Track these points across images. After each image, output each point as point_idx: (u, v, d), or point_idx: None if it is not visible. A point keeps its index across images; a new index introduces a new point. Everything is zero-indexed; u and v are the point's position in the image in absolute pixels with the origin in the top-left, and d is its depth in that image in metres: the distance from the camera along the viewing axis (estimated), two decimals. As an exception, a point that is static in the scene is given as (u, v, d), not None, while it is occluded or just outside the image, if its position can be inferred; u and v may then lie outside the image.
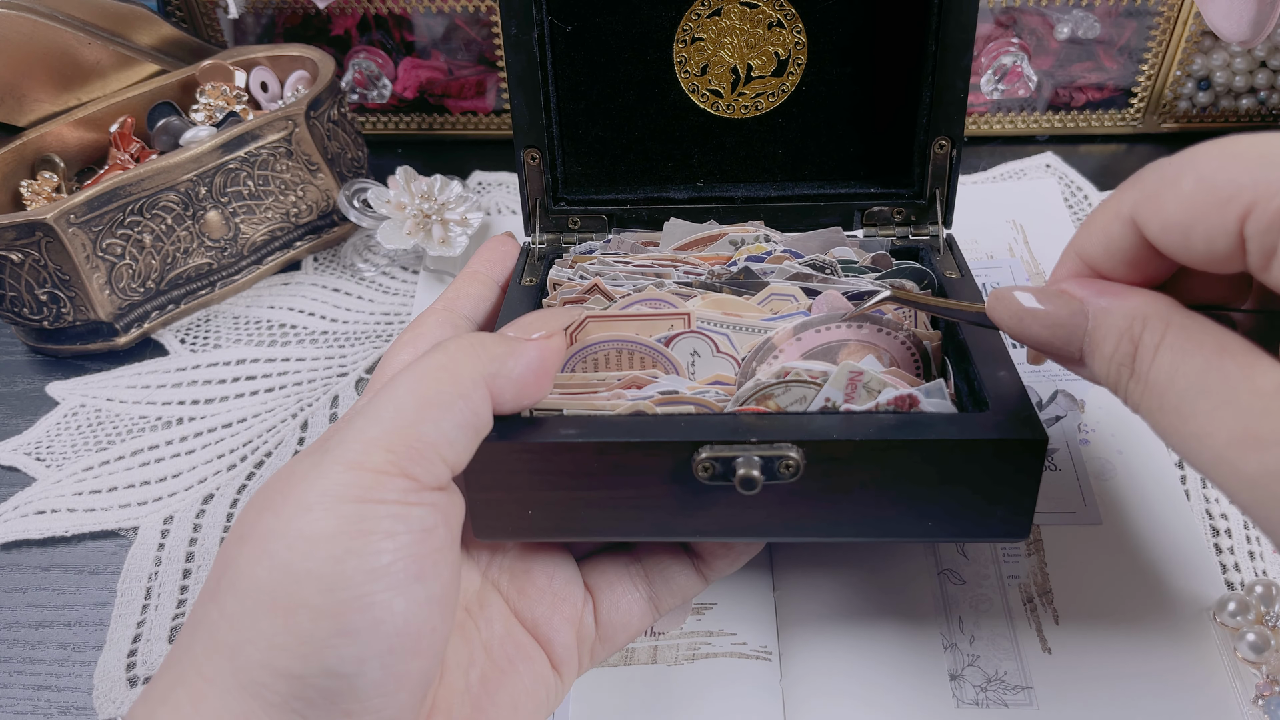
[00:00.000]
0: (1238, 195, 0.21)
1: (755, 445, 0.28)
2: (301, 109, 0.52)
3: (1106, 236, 0.25)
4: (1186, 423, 0.22)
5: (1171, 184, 0.23)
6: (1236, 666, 0.35)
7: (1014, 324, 0.27)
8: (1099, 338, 0.25)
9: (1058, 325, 0.26)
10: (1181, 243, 0.22)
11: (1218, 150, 0.22)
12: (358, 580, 0.24)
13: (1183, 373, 0.22)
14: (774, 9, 0.39)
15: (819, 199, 0.42)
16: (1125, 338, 0.24)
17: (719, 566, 0.36)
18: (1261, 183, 0.20)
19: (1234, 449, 0.20)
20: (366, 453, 0.25)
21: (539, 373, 0.29)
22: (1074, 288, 0.26)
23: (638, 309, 0.34)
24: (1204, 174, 0.22)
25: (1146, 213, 0.23)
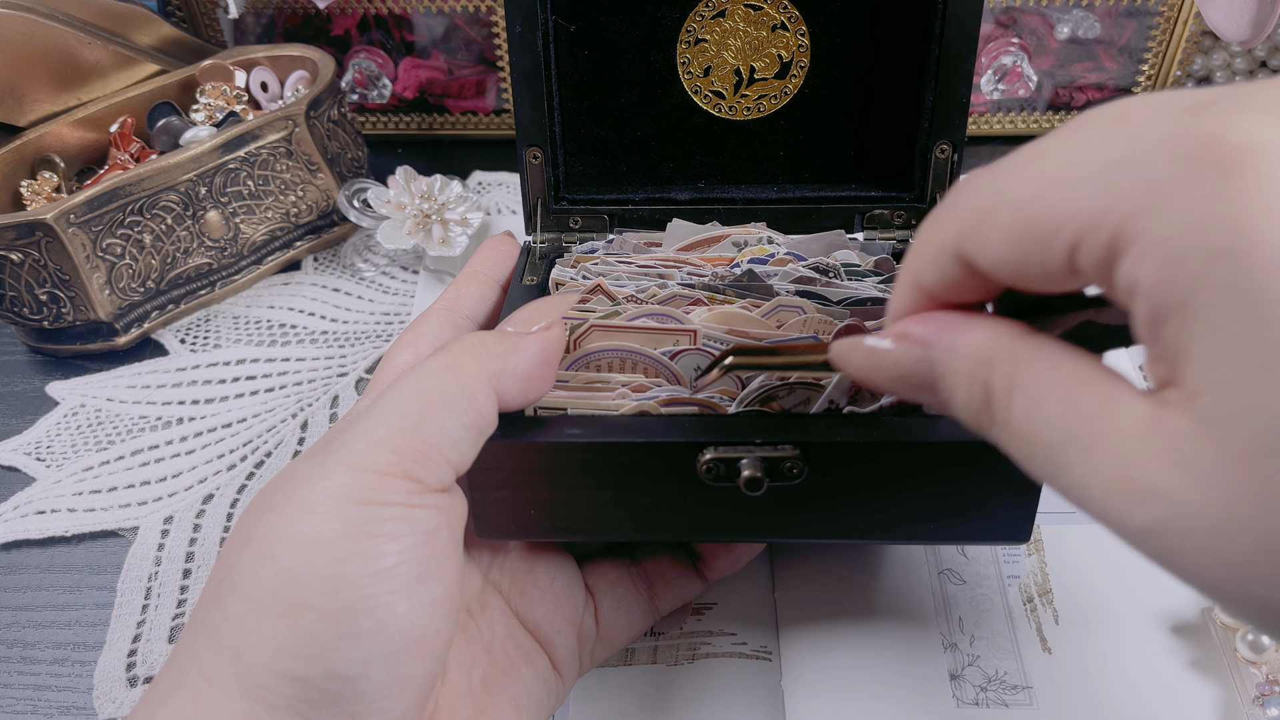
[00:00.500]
0: (1060, 229, 0.19)
1: (759, 446, 0.28)
2: (301, 109, 0.52)
3: (938, 268, 0.22)
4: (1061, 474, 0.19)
5: (989, 217, 0.20)
6: (1236, 666, 0.35)
7: (860, 374, 0.25)
8: (949, 384, 0.22)
9: (904, 375, 0.23)
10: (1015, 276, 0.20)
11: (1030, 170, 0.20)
12: (361, 583, 0.24)
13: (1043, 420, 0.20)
14: (778, 11, 0.39)
15: (820, 201, 0.42)
16: (975, 384, 0.21)
17: (719, 568, 0.36)
18: (1078, 214, 0.18)
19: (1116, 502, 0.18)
20: (370, 454, 0.25)
21: (543, 366, 0.29)
22: (914, 327, 0.23)
23: (644, 321, 0.34)
24: (1019, 204, 0.20)
25: (971, 248, 0.21)
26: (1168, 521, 0.17)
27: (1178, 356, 0.17)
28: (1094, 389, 0.19)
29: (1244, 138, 0.16)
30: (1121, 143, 0.18)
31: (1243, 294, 0.16)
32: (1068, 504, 0.19)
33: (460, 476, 0.27)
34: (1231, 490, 0.16)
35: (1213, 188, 0.16)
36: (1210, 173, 0.17)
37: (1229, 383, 0.16)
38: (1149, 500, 0.17)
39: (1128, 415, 0.18)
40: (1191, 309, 0.17)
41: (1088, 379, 0.19)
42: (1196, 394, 0.17)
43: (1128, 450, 0.18)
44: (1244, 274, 0.16)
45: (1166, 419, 0.17)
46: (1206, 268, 0.16)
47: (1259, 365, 0.16)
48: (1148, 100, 0.19)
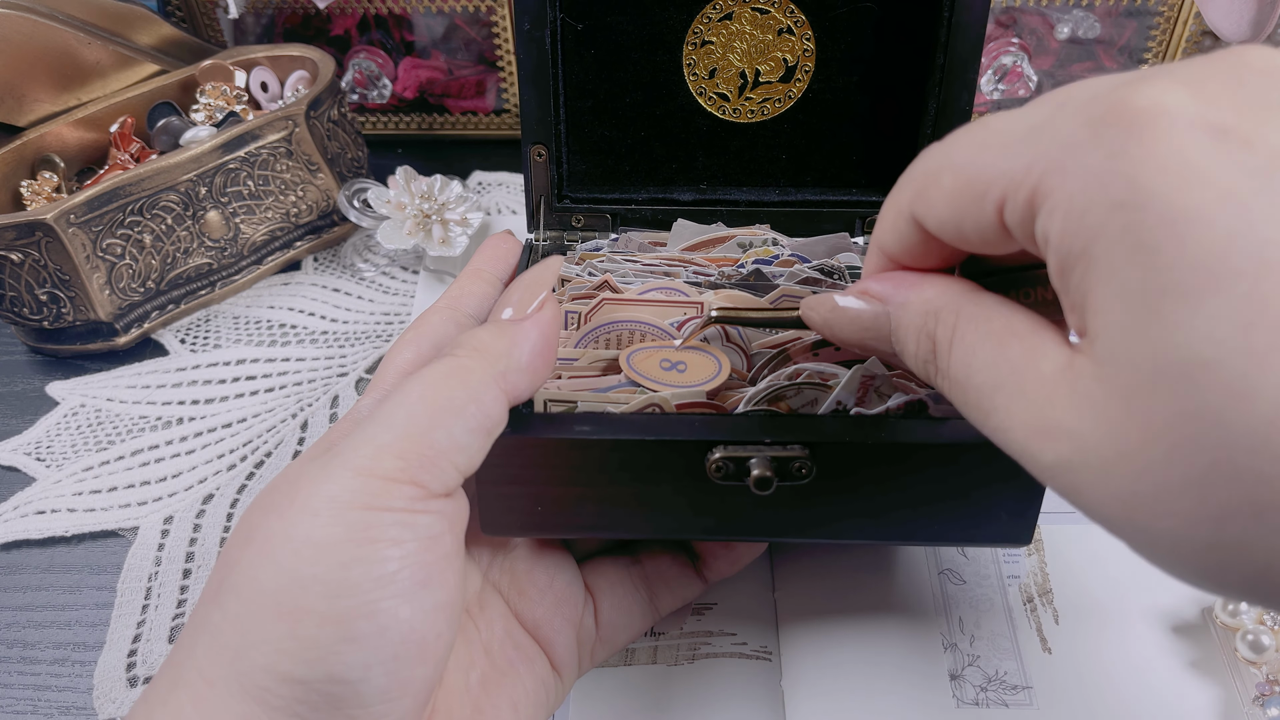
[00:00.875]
0: (989, 189, 0.20)
1: (769, 446, 0.28)
2: (301, 109, 0.52)
3: (897, 232, 0.25)
4: (989, 417, 0.21)
5: (935, 180, 0.22)
6: (1236, 666, 0.35)
7: (825, 328, 0.27)
8: (901, 336, 0.25)
9: (865, 327, 0.26)
10: (957, 235, 0.22)
11: (968, 138, 0.22)
12: (364, 587, 0.24)
13: (976, 366, 0.22)
14: (784, 15, 0.39)
15: (822, 205, 0.42)
16: (923, 335, 0.24)
17: (719, 568, 0.36)
18: (1005, 174, 0.20)
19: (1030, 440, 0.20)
20: (376, 459, 0.25)
21: (544, 350, 0.29)
22: (874, 285, 0.25)
23: (654, 295, 0.34)
24: (958, 168, 0.22)
25: (921, 209, 0.23)
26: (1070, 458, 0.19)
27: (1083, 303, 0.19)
28: (1023, 340, 0.21)
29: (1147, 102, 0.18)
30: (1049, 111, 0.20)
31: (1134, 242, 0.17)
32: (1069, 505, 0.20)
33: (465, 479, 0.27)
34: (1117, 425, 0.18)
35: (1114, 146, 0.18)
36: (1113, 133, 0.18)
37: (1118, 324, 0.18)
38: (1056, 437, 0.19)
39: (1048, 361, 0.20)
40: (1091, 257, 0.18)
41: (1019, 330, 0.21)
42: (1095, 336, 0.18)
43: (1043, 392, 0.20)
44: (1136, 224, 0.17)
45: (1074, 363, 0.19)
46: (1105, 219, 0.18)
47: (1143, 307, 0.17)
48: (1088, 81, 0.21)
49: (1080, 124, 0.19)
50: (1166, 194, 0.17)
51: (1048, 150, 0.19)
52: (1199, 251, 0.17)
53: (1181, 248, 0.17)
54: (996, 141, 0.21)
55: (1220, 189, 0.17)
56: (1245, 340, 0.16)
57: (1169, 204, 0.17)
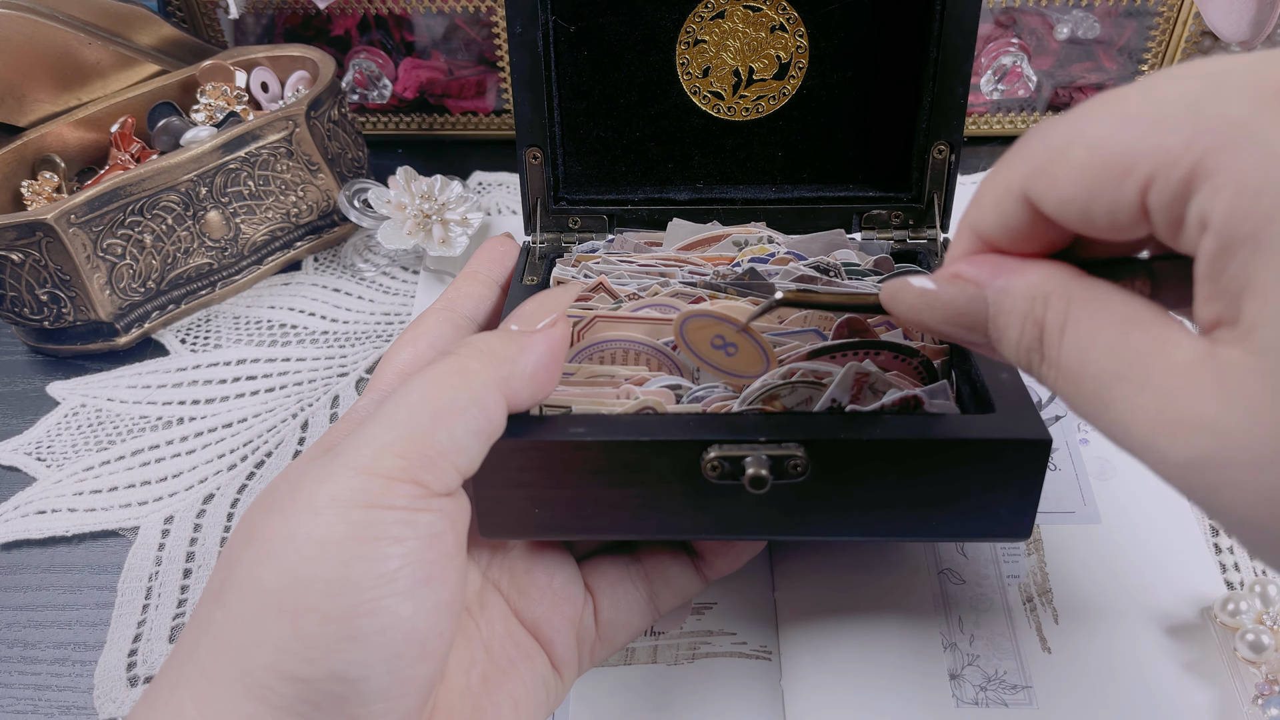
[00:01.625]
0: (1135, 166, 0.19)
1: (764, 445, 0.28)
2: (302, 109, 0.52)
3: (1000, 213, 0.22)
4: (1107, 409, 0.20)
5: (1061, 155, 0.20)
6: (1236, 666, 0.35)
7: (912, 315, 0.25)
8: (1002, 324, 0.23)
9: (957, 314, 0.23)
10: (1082, 218, 0.21)
11: (1107, 112, 0.20)
12: (365, 586, 0.24)
13: (1093, 355, 0.20)
14: (776, 12, 0.39)
15: (818, 201, 0.42)
16: (1029, 321, 0.22)
17: (719, 566, 0.36)
18: (1158, 149, 0.19)
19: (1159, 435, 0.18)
20: (378, 458, 0.25)
21: (550, 365, 0.29)
22: (967, 269, 0.23)
23: (647, 312, 0.34)
24: (1094, 142, 0.20)
25: (1039, 188, 0.21)
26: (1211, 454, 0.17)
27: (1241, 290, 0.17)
28: (1147, 328, 0.19)
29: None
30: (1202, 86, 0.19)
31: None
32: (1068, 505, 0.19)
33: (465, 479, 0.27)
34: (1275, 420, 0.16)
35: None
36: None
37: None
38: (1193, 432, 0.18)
39: (1179, 351, 0.19)
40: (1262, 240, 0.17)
41: (1141, 318, 0.20)
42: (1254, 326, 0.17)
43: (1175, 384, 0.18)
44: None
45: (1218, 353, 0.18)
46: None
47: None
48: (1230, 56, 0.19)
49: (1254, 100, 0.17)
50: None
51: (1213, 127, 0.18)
52: None
53: None
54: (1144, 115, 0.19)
55: None
56: None
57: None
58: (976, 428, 0.29)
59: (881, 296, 0.26)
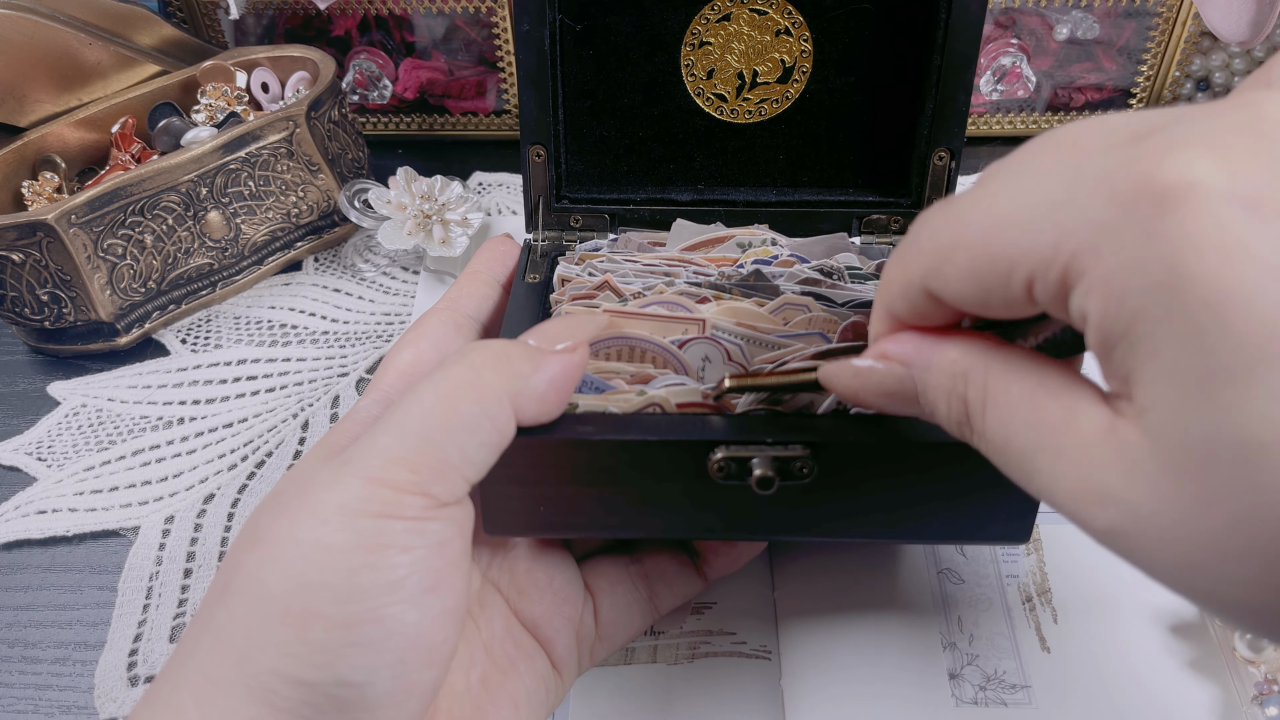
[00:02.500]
0: (1015, 268, 0.20)
1: (770, 446, 0.28)
2: (302, 109, 0.52)
3: (908, 301, 0.23)
4: (1033, 479, 0.21)
5: (948, 258, 0.21)
6: (1235, 665, 0.35)
7: (849, 393, 0.26)
8: (931, 399, 0.24)
9: (890, 392, 0.25)
10: (981, 309, 0.22)
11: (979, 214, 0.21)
12: (373, 593, 0.24)
13: (1013, 430, 0.21)
14: (782, 16, 0.39)
15: (819, 205, 0.42)
16: (953, 397, 0.23)
17: (719, 566, 0.36)
18: (1030, 253, 0.19)
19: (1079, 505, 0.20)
20: (388, 469, 0.25)
21: (561, 388, 0.28)
22: (892, 348, 0.24)
23: (654, 310, 0.34)
24: (975, 248, 0.21)
25: (937, 285, 0.22)
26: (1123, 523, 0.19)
27: (1128, 377, 0.18)
28: (1058, 399, 0.20)
29: (1174, 175, 0.17)
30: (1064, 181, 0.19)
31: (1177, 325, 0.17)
32: None
33: None
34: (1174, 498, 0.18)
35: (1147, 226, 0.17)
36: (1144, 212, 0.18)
37: (1168, 402, 0.17)
38: (1107, 503, 0.19)
39: (1087, 423, 0.20)
40: (1134, 338, 0.18)
41: (1053, 389, 0.21)
42: (1143, 410, 0.18)
43: (1088, 456, 0.19)
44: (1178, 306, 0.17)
45: (1119, 429, 0.19)
46: (1145, 302, 0.17)
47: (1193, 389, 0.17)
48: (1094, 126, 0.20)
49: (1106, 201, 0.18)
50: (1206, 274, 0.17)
51: (1075, 229, 0.19)
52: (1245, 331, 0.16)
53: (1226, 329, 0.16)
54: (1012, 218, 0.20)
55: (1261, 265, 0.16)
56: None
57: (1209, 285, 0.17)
58: None
59: (820, 376, 0.27)
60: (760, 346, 0.34)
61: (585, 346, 0.29)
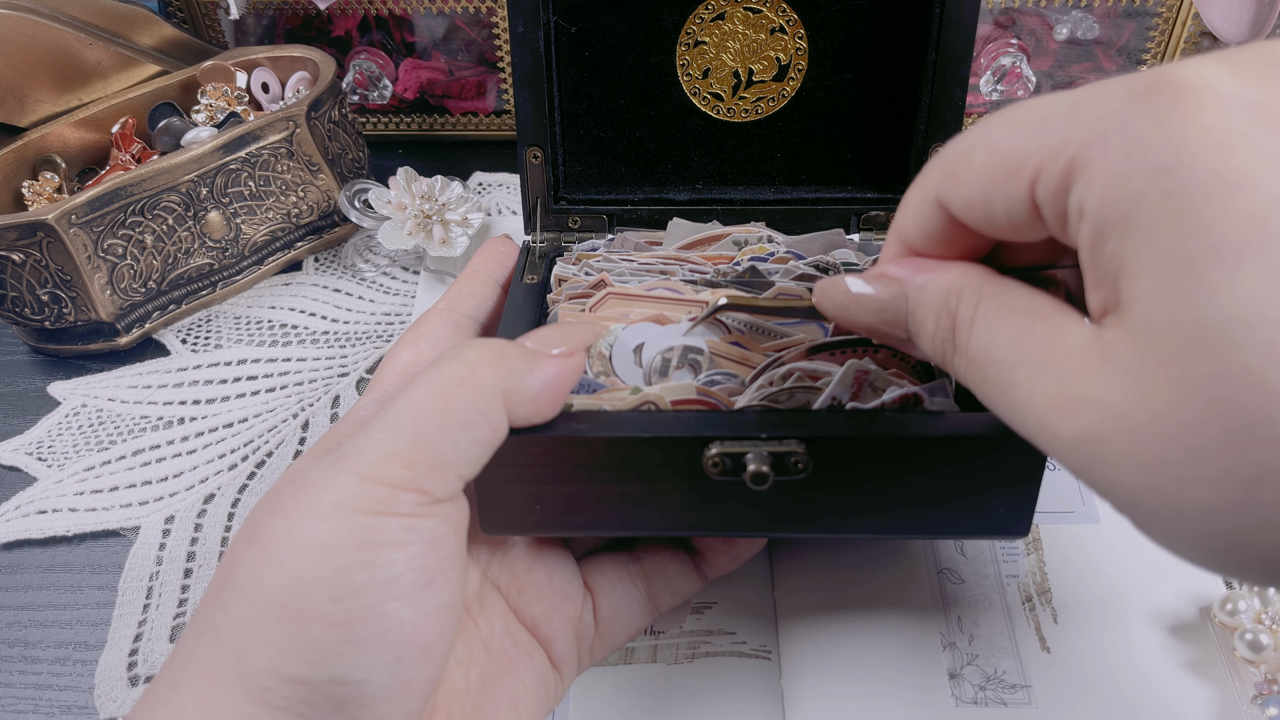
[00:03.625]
0: (1024, 163, 0.20)
1: (765, 441, 0.28)
2: (302, 110, 0.52)
3: (920, 219, 0.24)
4: (1008, 393, 0.21)
5: (965, 159, 0.22)
6: (1235, 665, 0.35)
7: (839, 313, 0.27)
8: (920, 316, 0.24)
9: (880, 309, 0.25)
10: (984, 217, 0.22)
11: (1003, 119, 0.22)
12: (368, 590, 0.24)
13: (998, 342, 0.22)
14: (776, 14, 0.39)
15: (817, 203, 0.42)
16: (943, 313, 0.24)
17: (719, 565, 0.36)
18: (1042, 147, 0.20)
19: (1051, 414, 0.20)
20: (382, 466, 0.25)
21: (554, 392, 0.28)
22: (892, 269, 0.25)
23: (659, 293, 0.34)
24: (992, 145, 0.22)
25: (948, 191, 0.23)
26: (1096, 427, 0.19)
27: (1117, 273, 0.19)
28: (1047, 318, 0.21)
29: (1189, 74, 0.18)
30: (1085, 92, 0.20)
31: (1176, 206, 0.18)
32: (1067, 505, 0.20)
33: None
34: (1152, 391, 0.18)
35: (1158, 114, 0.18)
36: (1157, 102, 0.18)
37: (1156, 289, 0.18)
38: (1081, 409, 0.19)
39: (1073, 337, 0.20)
40: (1131, 223, 0.18)
41: (1043, 310, 0.21)
42: (1129, 305, 0.18)
43: (1069, 364, 0.20)
44: (1178, 188, 0.18)
45: (1103, 335, 0.19)
46: (1147, 184, 0.18)
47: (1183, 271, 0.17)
48: (1111, 77, 0.21)
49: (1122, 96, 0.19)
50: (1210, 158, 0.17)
51: (1089, 121, 0.19)
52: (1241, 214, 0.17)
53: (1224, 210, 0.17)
54: (1034, 118, 0.21)
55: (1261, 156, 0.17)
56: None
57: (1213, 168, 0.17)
58: (976, 425, 0.29)
59: (814, 297, 0.28)
60: (762, 334, 0.34)
61: (581, 353, 0.29)
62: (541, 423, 0.29)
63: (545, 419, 0.29)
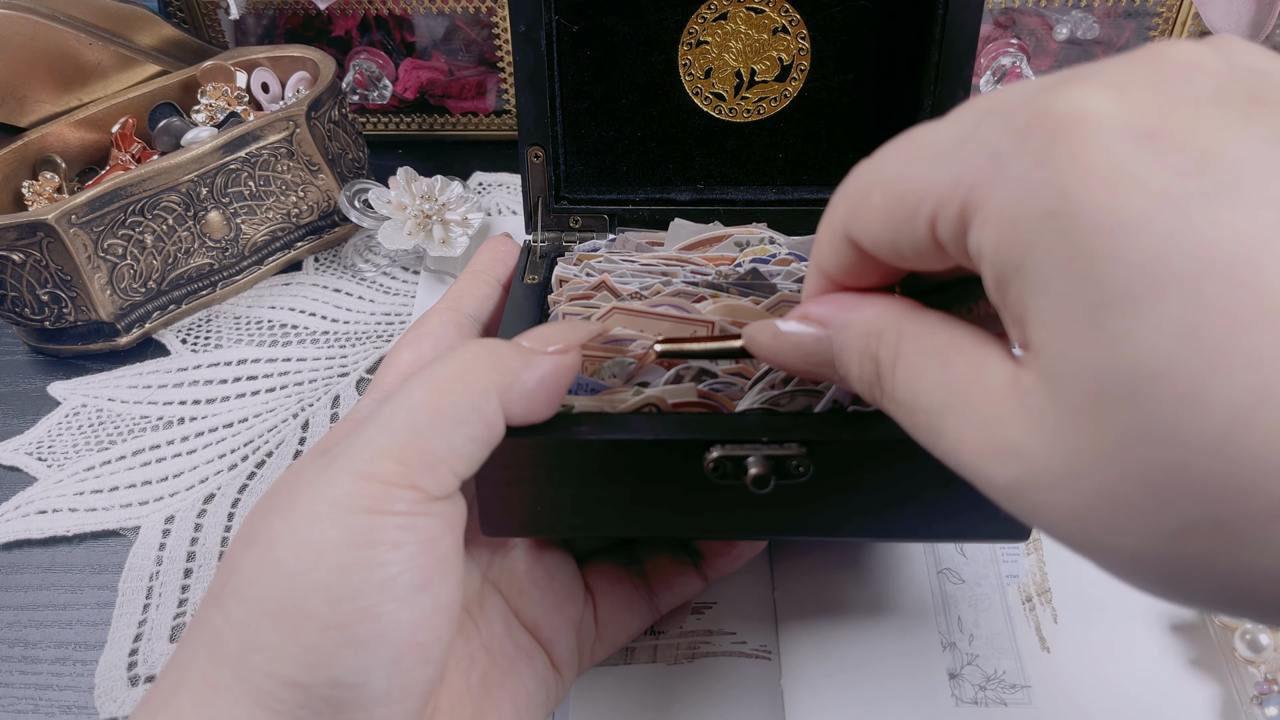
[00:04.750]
0: (920, 204, 0.20)
1: (766, 445, 0.28)
2: (302, 110, 0.52)
3: (834, 253, 0.24)
4: (939, 439, 0.20)
5: (865, 198, 0.22)
6: (1235, 664, 0.35)
7: (770, 355, 0.26)
8: (844, 359, 0.24)
9: (807, 352, 0.25)
10: (893, 254, 0.22)
11: (896, 152, 0.21)
12: (365, 591, 0.24)
13: (923, 388, 0.21)
14: (779, 15, 0.39)
15: (819, 204, 0.42)
16: (865, 357, 0.23)
17: (719, 566, 0.36)
18: (934, 188, 0.19)
19: (982, 461, 0.19)
20: (376, 463, 0.25)
21: (550, 389, 0.28)
22: (813, 309, 0.24)
23: (664, 309, 0.34)
24: (887, 183, 0.21)
25: (854, 228, 0.22)
26: (1024, 477, 0.18)
27: (1022, 316, 0.18)
28: (967, 357, 0.20)
29: (1069, 107, 0.17)
30: (972, 120, 0.19)
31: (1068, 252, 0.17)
32: None
33: None
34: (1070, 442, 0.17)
35: (1041, 155, 0.17)
36: (1039, 141, 0.17)
37: (1059, 339, 0.17)
38: (1008, 458, 0.19)
39: (994, 378, 0.19)
40: (1026, 270, 0.18)
41: (963, 348, 0.20)
42: (1038, 351, 0.18)
43: (992, 411, 0.19)
44: (1069, 234, 0.17)
45: (1020, 378, 0.19)
46: (1037, 230, 0.17)
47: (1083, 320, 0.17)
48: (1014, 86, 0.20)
49: (1004, 133, 0.18)
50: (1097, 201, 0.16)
51: (974, 162, 0.19)
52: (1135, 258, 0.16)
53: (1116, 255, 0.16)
54: (923, 154, 0.20)
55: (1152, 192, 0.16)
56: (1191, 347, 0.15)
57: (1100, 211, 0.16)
58: None
59: (743, 339, 0.27)
60: None
61: (577, 350, 0.29)
62: (539, 421, 0.28)
63: (543, 417, 0.28)
